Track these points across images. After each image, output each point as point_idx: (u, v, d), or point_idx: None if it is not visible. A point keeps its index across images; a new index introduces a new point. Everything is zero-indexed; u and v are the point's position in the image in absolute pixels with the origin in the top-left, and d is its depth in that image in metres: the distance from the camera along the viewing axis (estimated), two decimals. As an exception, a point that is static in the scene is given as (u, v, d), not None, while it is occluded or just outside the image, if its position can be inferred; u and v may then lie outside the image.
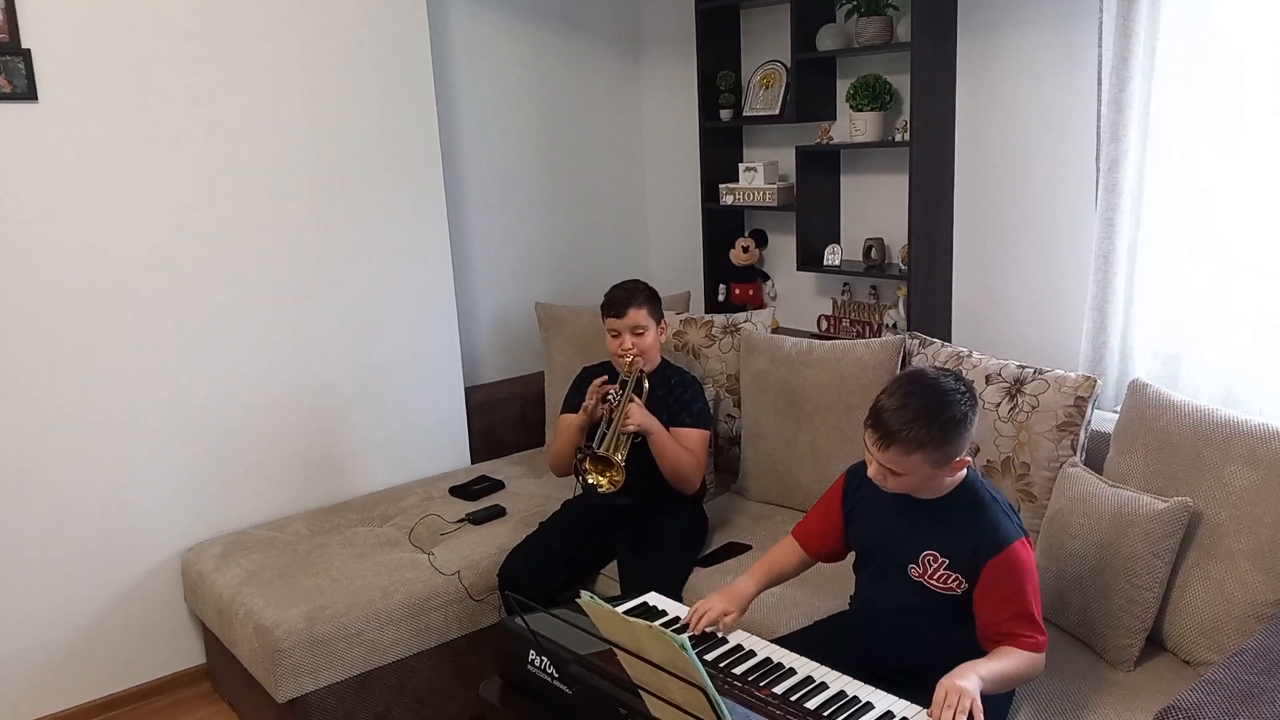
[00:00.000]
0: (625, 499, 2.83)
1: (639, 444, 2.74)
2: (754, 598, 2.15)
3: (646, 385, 2.85)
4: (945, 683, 1.74)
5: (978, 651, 1.88)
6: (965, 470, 1.93)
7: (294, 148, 3.15)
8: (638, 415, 2.71)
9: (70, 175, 2.78)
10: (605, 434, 2.69)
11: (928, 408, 1.82)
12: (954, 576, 1.92)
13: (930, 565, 1.95)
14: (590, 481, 2.66)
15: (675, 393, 2.90)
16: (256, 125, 3.06)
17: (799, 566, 2.21)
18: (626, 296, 2.86)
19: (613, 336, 2.87)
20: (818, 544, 2.19)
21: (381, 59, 3.29)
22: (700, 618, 2.08)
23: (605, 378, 2.84)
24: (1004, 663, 1.82)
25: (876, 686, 1.86)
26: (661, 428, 2.77)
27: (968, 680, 1.74)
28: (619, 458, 2.63)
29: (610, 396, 2.76)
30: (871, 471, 1.92)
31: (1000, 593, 1.87)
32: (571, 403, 2.94)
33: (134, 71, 2.84)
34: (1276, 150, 2.57)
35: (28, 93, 2.68)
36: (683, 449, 2.80)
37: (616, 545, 2.83)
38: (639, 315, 2.85)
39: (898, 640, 2.01)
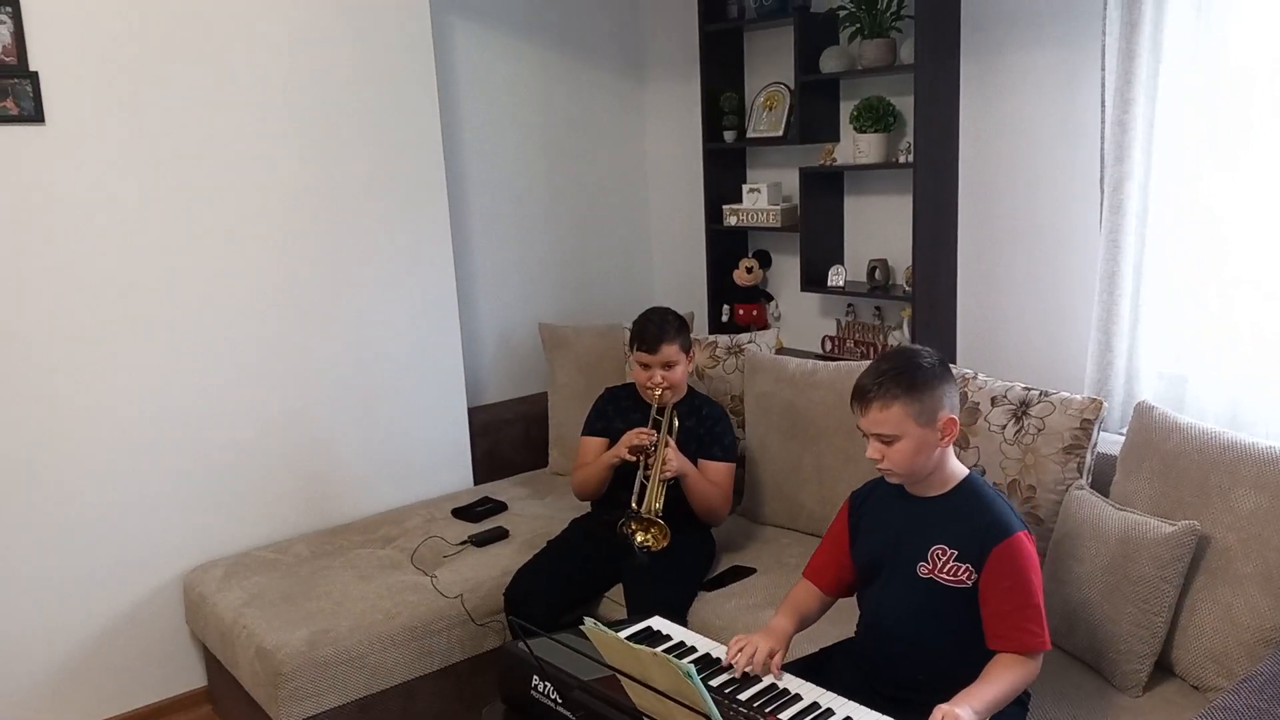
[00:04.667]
0: None
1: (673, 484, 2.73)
2: (793, 636, 2.10)
3: (676, 422, 2.82)
4: (943, 708, 1.74)
5: (984, 657, 1.89)
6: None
7: (299, 169, 3.16)
8: (675, 462, 2.68)
9: (76, 197, 2.79)
10: (644, 485, 2.65)
11: (895, 365, 1.96)
12: (963, 568, 1.94)
13: (940, 559, 1.96)
14: (639, 542, 2.61)
15: (706, 424, 2.87)
16: (262, 147, 3.08)
17: (819, 606, 2.18)
18: (658, 332, 2.79)
19: (642, 368, 2.84)
20: (832, 574, 2.17)
21: (386, 80, 3.30)
22: (744, 656, 1.99)
23: (643, 431, 2.73)
24: (1000, 685, 1.84)
25: (884, 712, 1.85)
26: (695, 470, 2.75)
27: (964, 712, 1.74)
28: (658, 507, 2.61)
29: (646, 445, 2.70)
30: (869, 452, 1.98)
31: (1007, 580, 1.89)
32: (594, 425, 2.93)
33: (139, 94, 2.85)
34: (1281, 171, 2.57)
35: (35, 115, 2.69)
36: (712, 485, 2.79)
37: (623, 567, 2.80)
38: (671, 350, 2.80)
39: (906, 650, 2.00)
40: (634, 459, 2.74)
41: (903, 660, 2.01)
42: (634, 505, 2.65)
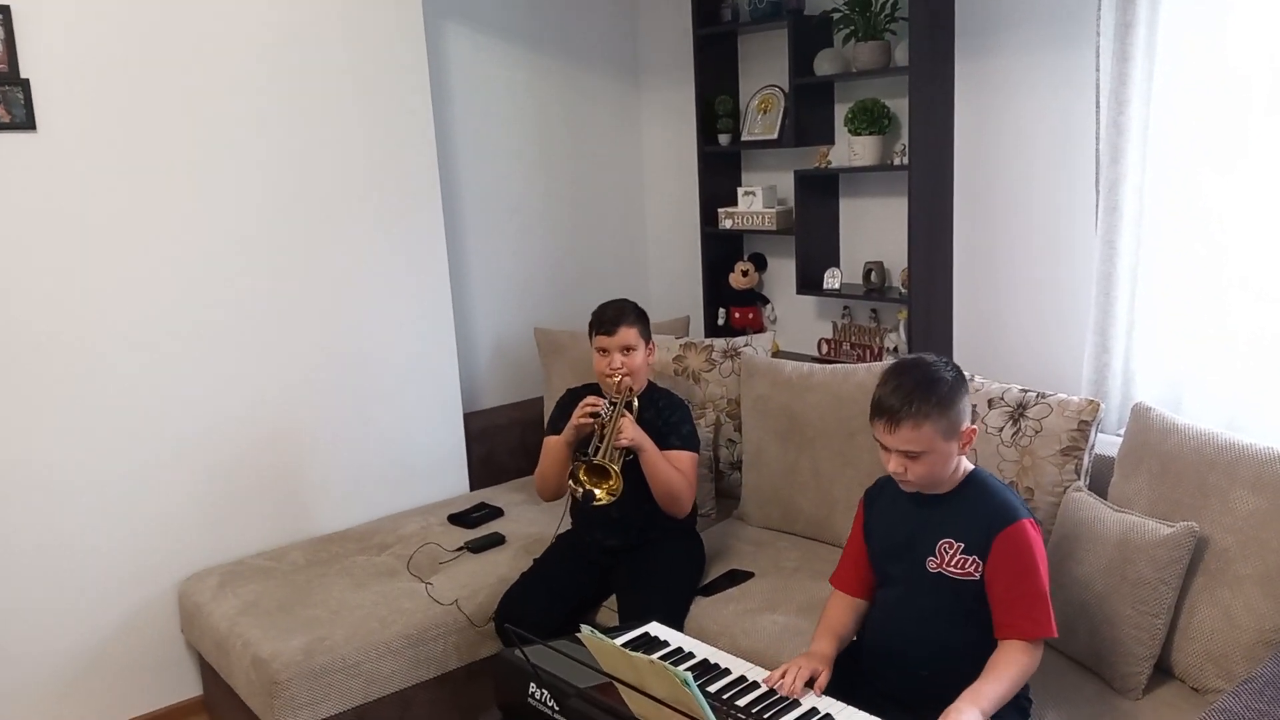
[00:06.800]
0: (616, 540, 2.80)
1: (629, 467, 2.67)
2: (834, 657, 2.06)
3: (636, 405, 2.81)
4: (950, 712, 1.74)
5: (989, 655, 1.90)
6: (975, 454, 1.93)
7: (293, 175, 3.15)
8: (630, 430, 2.65)
9: (67, 204, 2.77)
10: (599, 446, 2.63)
11: (920, 381, 1.93)
12: (970, 559, 1.95)
13: (947, 553, 1.98)
14: (587, 490, 2.58)
15: (664, 415, 2.85)
16: (254, 154, 3.07)
17: (853, 617, 2.15)
18: (616, 314, 2.81)
19: (601, 355, 2.81)
20: (858, 577, 2.16)
21: (381, 86, 3.29)
22: (791, 678, 1.96)
23: (596, 399, 2.75)
24: (1003, 680, 1.84)
25: (884, 715, 1.84)
26: (653, 445, 2.71)
27: (971, 716, 1.74)
28: (615, 468, 2.58)
29: (601, 412, 2.69)
30: (891, 466, 1.97)
31: (1013, 567, 1.91)
32: (557, 425, 2.86)
33: (131, 101, 2.84)
34: (1277, 171, 2.57)
35: (26, 122, 2.68)
36: (671, 466, 2.75)
37: (614, 580, 2.79)
38: (629, 334, 2.79)
39: (913, 646, 2.01)
40: (587, 422, 2.69)
41: (909, 657, 2.01)
42: (587, 454, 2.63)
